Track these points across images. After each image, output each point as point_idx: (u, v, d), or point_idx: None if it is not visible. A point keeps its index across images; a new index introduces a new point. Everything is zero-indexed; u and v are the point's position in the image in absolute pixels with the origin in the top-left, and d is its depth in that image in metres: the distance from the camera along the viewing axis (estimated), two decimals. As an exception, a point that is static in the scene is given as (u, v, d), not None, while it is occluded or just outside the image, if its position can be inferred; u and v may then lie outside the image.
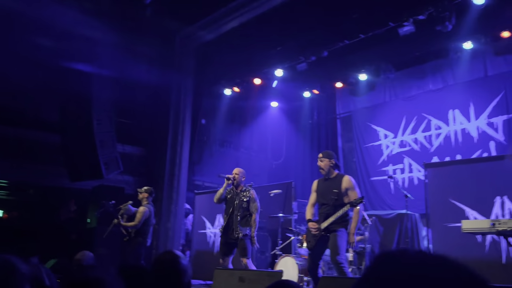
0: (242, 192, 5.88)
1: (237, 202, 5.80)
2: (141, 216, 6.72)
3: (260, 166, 11.58)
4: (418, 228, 7.76)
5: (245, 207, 5.79)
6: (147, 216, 6.82)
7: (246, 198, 5.83)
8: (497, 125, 8.06)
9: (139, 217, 6.71)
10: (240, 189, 5.91)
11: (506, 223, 4.14)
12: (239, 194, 5.87)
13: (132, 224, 6.74)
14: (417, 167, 8.92)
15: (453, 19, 7.12)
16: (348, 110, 10.68)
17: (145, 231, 6.86)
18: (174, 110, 9.27)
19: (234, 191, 5.92)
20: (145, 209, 6.80)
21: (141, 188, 7.17)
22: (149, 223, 6.92)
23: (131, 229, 6.79)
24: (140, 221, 6.69)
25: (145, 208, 6.82)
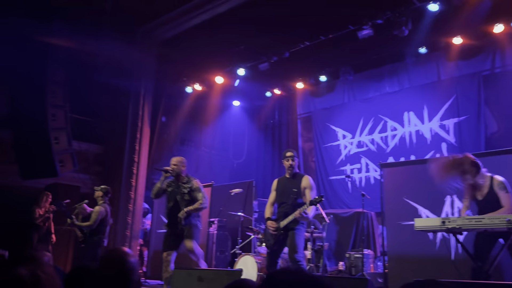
0: (183, 184, 5.30)
1: (179, 196, 5.26)
2: (97, 216, 6.53)
3: (221, 165, 11.55)
4: (374, 226, 8.00)
5: (187, 199, 5.24)
6: (103, 216, 6.64)
7: (186, 189, 5.26)
8: (448, 127, 8.44)
9: (94, 217, 6.53)
10: (181, 181, 5.33)
11: (455, 221, 4.32)
12: (180, 186, 5.31)
13: (87, 224, 6.54)
14: (374, 167, 9.19)
15: (410, 24, 7.39)
16: (308, 111, 10.85)
17: (101, 231, 6.67)
18: (133, 107, 9.07)
19: (175, 184, 5.35)
20: (101, 209, 6.61)
21: (98, 186, 6.97)
22: (105, 223, 6.73)
23: (86, 229, 6.59)
24: (96, 221, 6.50)
25: (100, 208, 6.63)
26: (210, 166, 11.15)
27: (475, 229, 4.22)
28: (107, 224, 6.81)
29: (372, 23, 7.63)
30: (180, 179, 5.34)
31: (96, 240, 6.61)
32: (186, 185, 5.30)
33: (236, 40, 8.58)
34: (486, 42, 8.07)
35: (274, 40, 8.46)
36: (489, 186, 4.39)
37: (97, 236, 6.61)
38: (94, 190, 6.89)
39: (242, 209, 7.95)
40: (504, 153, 5.44)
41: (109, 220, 6.87)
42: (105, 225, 6.74)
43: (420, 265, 5.68)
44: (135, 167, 8.90)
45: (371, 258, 7.16)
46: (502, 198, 4.30)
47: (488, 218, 4.08)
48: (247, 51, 8.92)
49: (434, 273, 5.41)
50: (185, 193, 5.25)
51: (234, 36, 8.34)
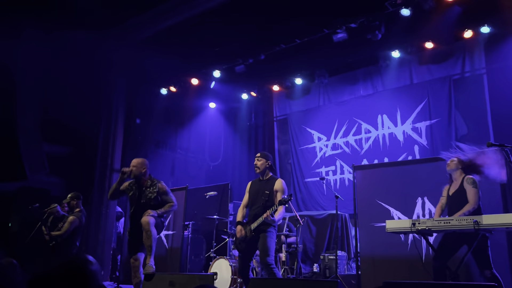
0: (147, 189, 5.02)
1: (143, 201, 4.96)
2: (69, 226, 6.36)
3: (197, 167, 11.46)
4: (348, 227, 8.08)
5: (154, 204, 4.97)
6: (76, 225, 6.47)
7: (153, 193, 4.99)
8: (420, 130, 8.60)
9: (67, 226, 6.36)
10: (145, 185, 5.04)
11: (425, 223, 4.39)
12: (144, 191, 5.02)
13: (58, 233, 6.37)
14: (348, 169, 9.29)
15: (383, 28, 7.52)
16: (284, 113, 10.88)
17: (72, 241, 6.50)
18: (106, 108, 8.92)
19: (137, 187, 5.06)
20: (74, 219, 6.43)
21: (67, 197, 6.74)
22: (78, 232, 6.56)
23: (58, 238, 6.42)
24: (67, 231, 6.33)
25: (74, 218, 6.44)
26: (186, 169, 11.06)
27: (444, 230, 4.31)
28: (80, 233, 6.64)
29: (346, 27, 7.73)
30: (142, 182, 5.07)
31: (68, 249, 6.44)
32: (151, 188, 5.04)
33: (212, 42, 8.55)
34: (456, 47, 8.27)
35: (250, 42, 8.47)
36: (460, 182, 4.54)
37: (68, 246, 6.44)
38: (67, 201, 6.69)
39: (217, 212, 7.90)
40: (473, 155, 5.56)
41: (83, 228, 6.70)
42: (78, 235, 6.58)
43: (392, 266, 5.75)
44: (108, 170, 8.75)
45: (345, 259, 7.22)
46: (469, 192, 4.44)
47: (456, 220, 4.16)
48: (223, 53, 8.89)
49: (406, 274, 5.48)
50: (151, 197, 5.00)
51: (210, 38, 8.31)
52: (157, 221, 4.89)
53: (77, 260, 1.97)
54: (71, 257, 2.05)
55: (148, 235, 4.69)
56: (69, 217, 6.51)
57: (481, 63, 8.06)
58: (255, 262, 6.37)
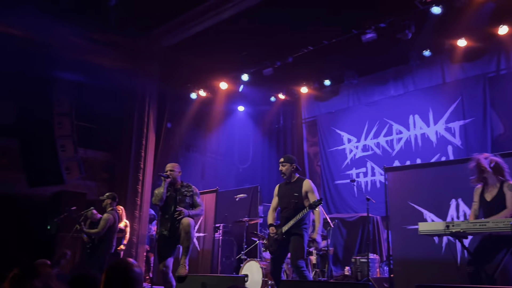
0: (182, 188, 5.28)
1: (180, 197, 5.19)
2: (105, 223, 6.60)
3: (226, 170, 11.56)
4: (380, 230, 7.96)
5: (189, 202, 5.22)
6: (111, 223, 6.70)
7: (189, 193, 5.25)
8: (454, 130, 8.38)
9: (103, 224, 6.60)
10: (180, 185, 5.31)
11: (459, 225, 4.29)
12: (179, 189, 5.26)
13: (95, 231, 6.61)
14: (379, 170, 9.15)
15: (413, 27, 7.37)
16: (313, 115, 10.83)
17: (109, 238, 6.73)
18: (138, 114, 9.14)
19: (172, 188, 5.26)
20: (109, 216, 6.68)
21: (103, 195, 7.02)
22: (113, 230, 6.79)
23: (94, 236, 6.65)
24: (103, 228, 6.57)
25: (109, 215, 6.70)
26: (215, 172, 11.18)
27: (479, 232, 4.19)
28: (115, 231, 6.86)
29: (375, 27, 7.63)
30: (177, 184, 5.28)
31: (105, 248, 6.68)
32: (186, 189, 5.27)
33: (240, 46, 8.62)
34: (491, 44, 8.01)
35: (278, 45, 8.48)
36: (498, 188, 4.37)
37: (105, 244, 6.67)
38: (101, 200, 6.96)
39: (247, 215, 7.95)
40: (511, 155, 5.39)
41: (117, 227, 6.93)
42: (113, 233, 6.80)
43: (426, 269, 5.63)
44: (141, 174, 8.96)
45: (377, 262, 7.11)
46: (508, 198, 4.27)
47: (492, 222, 4.05)
48: (251, 57, 8.95)
49: (440, 277, 5.36)
50: (186, 195, 5.21)
51: (238, 42, 8.37)
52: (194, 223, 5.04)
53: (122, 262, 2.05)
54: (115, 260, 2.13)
55: (188, 237, 4.81)
56: (103, 215, 6.74)
57: (517, 60, 7.79)
58: (286, 265, 6.37)
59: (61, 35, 7.49)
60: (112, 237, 6.77)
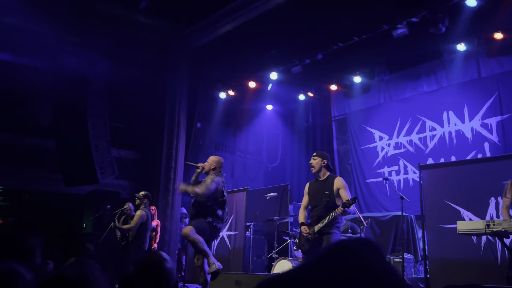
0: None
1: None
2: (138, 219, 6.74)
3: (256, 169, 11.58)
4: (415, 229, 7.78)
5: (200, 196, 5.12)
6: (144, 220, 6.84)
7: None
8: (491, 126, 8.10)
9: (136, 220, 6.74)
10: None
11: (500, 224, 4.15)
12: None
13: (128, 226, 6.75)
14: (412, 168, 8.95)
15: (446, 21, 7.17)
16: (343, 113, 10.70)
17: (142, 235, 6.87)
18: (169, 114, 9.27)
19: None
20: (142, 213, 6.83)
21: (139, 193, 7.18)
22: (146, 227, 6.92)
23: (127, 232, 6.79)
24: (137, 224, 6.71)
25: (142, 212, 6.84)
26: (244, 171, 11.21)
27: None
28: (148, 228, 6.99)
29: (407, 22, 7.46)
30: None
31: (138, 245, 6.81)
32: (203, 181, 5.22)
33: (268, 45, 8.61)
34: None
35: (307, 42, 8.42)
36: None
37: (139, 240, 6.81)
38: (136, 197, 7.11)
39: (277, 213, 7.93)
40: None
41: (150, 225, 7.06)
42: (146, 229, 6.93)
43: (464, 269, 5.47)
44: (172, 173, 9.08)
45: (411, 262, 6.96)
46: None
47: (536, 221, 3.89)
48: (279, 55, 8.92)
49: (479, 278, 5.19)
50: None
51: (266, 40, 8.37)
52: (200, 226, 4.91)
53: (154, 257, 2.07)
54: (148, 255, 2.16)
55: (194, 243, 4.80)
56: (137, 212, 6.88)
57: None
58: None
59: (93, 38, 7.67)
60: (145, 234, 6.90)
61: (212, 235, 5.11)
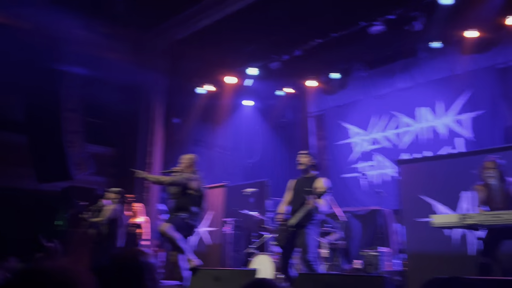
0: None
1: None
2: (108, 213, 6.62)
3: (234, 165, 11.53)
4: (391, 223, 7.90)
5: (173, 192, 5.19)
6: (115, 216, 6.70)
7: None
8: (464, 122, 8.30)
9: (106, 213, 6.62)
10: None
11: (473, 217, 4.26)
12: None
13: (99, 219, 6.62)
14: (387, 163, 9.09)
15: (422, 18, 7.30)
16: (320, 109, 10.77)
17: (115, 233, 6.74)
18: (145, 109, 9.14)
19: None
20: (113, 207, 6.71)
21: (110, 189, 7.04)
22: (118, 224, 6.79)
23: (99, 226, 6.64)
24: (106, 218, 6.58)
25: (113, 206, 6.72)
26: (223, 167, 11.15)
27: (494, 225, 4.16)
28: (121, 225, 6.86)
29: (383, 19, 7.55)
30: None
31: (112, 241, 6.68)
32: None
33: (247, 40, 8.58)
34: (502, 35, 7.90)
35: (285, 38, 8.43)
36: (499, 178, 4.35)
37: (112, 237, 6.68)
38: (106, 192, 6.96)
39: (256, 209, 7.93)
40: (523, 147, 5.34)
41: (123, 221, 6.93)
42: (118, 226, 6.80)
43: (440, 262, 5.60)
44: (147, 169, 8.95)
45: (387, 256, 7.07)
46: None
47: (508, 214, 4.01)
48: (258, 51, 8.90)
49: (454, 270, 5.32)
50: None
51: (245, 36, 8.34)
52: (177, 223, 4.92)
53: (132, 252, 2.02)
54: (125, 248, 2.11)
55: (172, 241, 4.83)
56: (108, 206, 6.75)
57: (528, 50, 7.69)
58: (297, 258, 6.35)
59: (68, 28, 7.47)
60: (116, 232, 6.76)
61: (188, 232, 5.10)
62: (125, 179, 8.97)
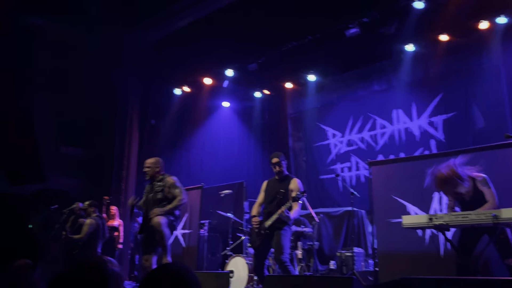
0: (155, 184, 5.07)
1: (151, 195, 5.04)
2: (87, 228, 6.50)
3: (211, 166, 11.48)
4: (365, 224, 8.01)
5: (159, 198, 5.00)
6: (94, 229, 6.57)
7: (160, 187, 5.03)
8: (437, 124, 8.47)
9: (85, 229, 6.50)
10: (157, 179, 5.11)
11: (442, 218, 4.33)
12: (153, 186, 5.09)
13: (78, 237, 6.51)
14: (364, 165, 9.19)
15: (396, 22, 7.43)
16: (298, 110, 10.83)
17: (92, 245, 6.60)
18: (121, 110, 9.03)
19: (150, 186, 5.16)
20: (92, 221, 6.57)
21: (84, 203, 6.89)
22: (97, 237, 6.65)
23: (78, 241, 6.54)
24: (86, 234, 6.47)
25: (92, 221, 6.58)
26: (200, 168, 11.10)
27: (462, 225, 4.24)
28: (100, 237, 6.71)
29: (358, 22, 7.65)
30: (155, 179, 5.14)
31: (89, 254, 6.55)
32: (159, 183, 5.07)
33: (224, 41, 8.56)
34: (472, 39, 8.08)
35: (262, 40, 8.44)
36: (473, 186, 4.40)
37: (89, 250, 6.55)
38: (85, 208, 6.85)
39: (232, 210, 7.92)
40: (491, 148, 5.47)
41: (104, 233, 6.78)
42: (97, 239, 6.66)
43: (410, 262, 5.68)
44: (124, 171, 8.85)
45: (362, 256, 7.16)
46: (486, 193, 4.31)
47: (474, 214, 4.09)
48: (235, 52, 8.89)
49: (424, 270, 5.41)
50: (158, 191, 5.03)
51: (221, 37, 8.31)
52: (168, 220, 4.93)
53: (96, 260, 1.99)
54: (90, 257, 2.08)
55: (162, 236, 4.79)
56: (86, 220, 6.63)
57: (498, 54, 7.88)
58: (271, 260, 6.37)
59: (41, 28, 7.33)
60: (96, 244, 6.63)
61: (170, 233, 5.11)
62: (100, 181, 8.86)
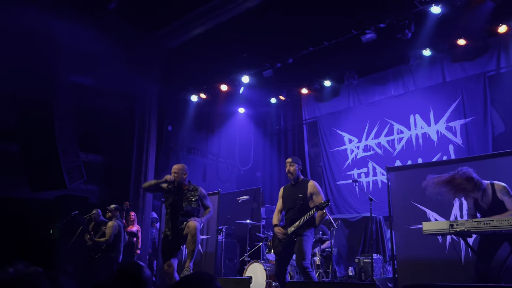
0: (188, 192, 5.11)
1: (185, 204, 5.05)
2: (111, 230, 6.71)
3: (228, 172, 11.56)
4: (383, 230, 7.96)
5: (195, 207, 5.08)
6: (117, 231, 6.78)
7: (195, 197, 5.08)
8: (455, 129, 8.39)
9: (109, 231, 6.70)
10: (187, 188, 5.14)
11: (463, 224, 4.29)
12: (185, 193, 5.11)
13: (104, 239, 6.69)
14: (381, 170, 9.15)
15: (412, 27, 7.40)
16: (313, 116, 10.84)
17: (116, 247, 6.79)
18: (139, 117, 9.15)
19: (176, 191, 5.13)
20: (114, 223, 6.78)
21: (110, 206, 7.09)
22: (119, 239, 6.84)
23: (103, 245, 6.71)
24: (111, 236, 6.67)
25: (114, 223, 6.80)
26: (217, 174, 11.18)
27: (483, 231, 4.19)
28: (121, 240, 6.90)
29: (375, 27, 7.64)
30: (184, 186, 5.15)
31: (112, 256, 6.72)
32: (193, 192, 5.13)
33: (240, 48, 8.63)
34: (491, 43, 8.03)
35: (278, 46, 8.50)
36: (491, 194, 4.34)
37: (113, 252, 6.72)
38: (107, 210, 7.02)
39: (249, 216, 7.95)
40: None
41: (124, 236, 6.98)
42: (120, 241, 6.84)
43: (430, 269, 5.62)
44: (142, 177, 8.96)
45: (380, 262, 7.11)
46: (507, 202, 4.26)
47: (496, 220, 4.05)
48: (251, 58, 8.96)
49: (444, 277, 5.36)
50: (193, 200, 5.08)
51: (238, 44, 8.39)
52: (201, 227, 5.00)
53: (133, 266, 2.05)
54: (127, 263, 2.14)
55: (194, 240, 4.76)
56: (108, 222, 6.80)
57: (517, 58, 7.80)
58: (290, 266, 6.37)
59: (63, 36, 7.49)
60: (119, 246, 6.83)
61: None
62: (119, 187, 8.98)
